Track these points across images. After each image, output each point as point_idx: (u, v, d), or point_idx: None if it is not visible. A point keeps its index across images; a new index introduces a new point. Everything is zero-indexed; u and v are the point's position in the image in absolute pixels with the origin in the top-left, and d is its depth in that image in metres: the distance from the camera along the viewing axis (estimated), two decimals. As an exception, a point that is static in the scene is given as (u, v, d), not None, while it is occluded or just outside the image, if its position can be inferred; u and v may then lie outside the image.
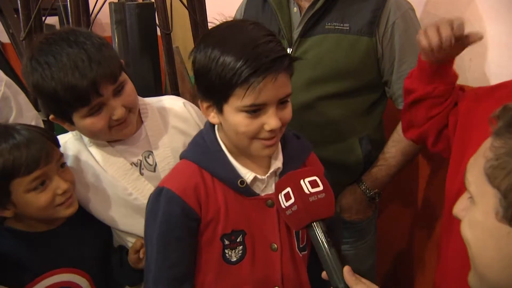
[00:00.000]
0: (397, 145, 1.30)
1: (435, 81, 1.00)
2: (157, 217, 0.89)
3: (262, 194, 0.93)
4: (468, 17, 1.21)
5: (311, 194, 0.79)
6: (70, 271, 1.03)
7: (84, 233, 1.06)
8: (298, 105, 1.26)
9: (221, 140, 0.93)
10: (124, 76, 0.99)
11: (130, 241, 1.09)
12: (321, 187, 0.81)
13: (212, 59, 0.82)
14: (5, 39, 2.64)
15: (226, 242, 0.91)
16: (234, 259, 0.92)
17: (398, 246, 1.70)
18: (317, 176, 0.82)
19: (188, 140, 1.11)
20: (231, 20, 0.90)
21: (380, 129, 1.36)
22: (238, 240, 0.92)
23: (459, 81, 1.05)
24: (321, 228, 0.79)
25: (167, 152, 1.08)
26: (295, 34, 1.27)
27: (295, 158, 0.97)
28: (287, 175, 0.84)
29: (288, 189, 0.81)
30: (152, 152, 1.08)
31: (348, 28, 1.22)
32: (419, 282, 1.63)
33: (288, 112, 0.88)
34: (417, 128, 1.08)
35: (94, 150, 1.05)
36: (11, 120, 1.26)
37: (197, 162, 0.91)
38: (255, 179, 0.91)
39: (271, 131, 0.85)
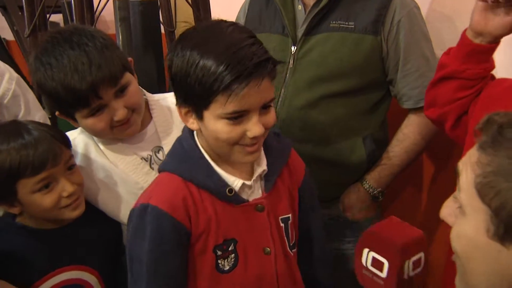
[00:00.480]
0: (401, 144, 1.29)
1: (470, 62, 0.97)
2: (144, 235, 0.86)
3: (250, 199, 0.91)
4: (474, 16, 1.21)
5: (408, 278, 0.67)
6: (79, 268, 1.03)
7: (93, 230, 1.06)
8: (302, 103, 1.25)
9: (202, 146, 0.89)
10: (127, 77, 0.98)
11: None
12: (421, 267, 0.69)
13: (191, 63, 0.77)
14: (10, 36, 2.65)
15: (219, 253, 0.89)
16: (227, 267, 0.90)
17: (402, 246, 1.70)
18: (424, 251, 0.68)
19: None
20: (208, 21, 0.87)
21: (384, 128, 1.35)
22: (230, 248, 0.90)
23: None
24: None
25: None
26: (300, 32, 1.26)
27: (278, 158, 0.95)
28: (393, 239, 0.67)
29: (385, 261, 0.67)
30: (162, 147, 1.08)
31: (353, 26, 1.21)
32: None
33: (271, 117, 0.85)
34: (439, 108, 1.06)
35: (102, 145, 1.06)
36: (19, 118, 1.27)
37: (181, 174, 0.88)
38: (243, 186, 0.89)
39: (254, 137, 0.82)
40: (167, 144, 1.07)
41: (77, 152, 1.05)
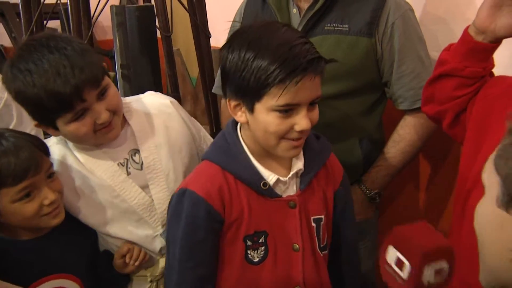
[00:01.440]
0: (397, 145, 1.30)
1: (469, 60, 0.96)
2: (180, 218, 0.90)
3: (284, 195, 0.93)
4: (469, 17, 1.21)
5: (428, 285, 0.62)
6: (60, 277, 1.01)
7: (72, 238, 1.04)
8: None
9: (244, 141, 0.93)
10: (107, 80, 0.98)
11: (116, 245, 1.08)
12: (443, 278, 0.63)
13: (247, 59, 0.82)
14: (8, 43, 2.66)
15: (249, 243, 0.92)
16: (256, 259, 0.93)
17: (400, 247, 1.70)
18: (448, 260, 0.63)
19: (173, 135, 1.10)
20: (263, 22, 0.90)
21: (380, 129, 1.36)
22: (260, 241, 0.93)
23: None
24: None
25: (152, 149, 1.08)
26: (295, 35, 1.27)
27: (316, 159, 0.98)
28: (419, 242, 0.65)
29: (406, 262, 0.64)
30: (138, 150, 1.08)
31: (347, 29, 1.22)
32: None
33: (316, 114, 0.89)
34: (437, 105, 1.05)
35: (79, 154, 1.05)
36: (11, 128, 1.24)
37: (220, 163, 0.92)
38: (277, 181, 0.92)
39: (301, 131, 0.85)
40: (143, 145, 1.07)
41: (53, 159, 1.03)
